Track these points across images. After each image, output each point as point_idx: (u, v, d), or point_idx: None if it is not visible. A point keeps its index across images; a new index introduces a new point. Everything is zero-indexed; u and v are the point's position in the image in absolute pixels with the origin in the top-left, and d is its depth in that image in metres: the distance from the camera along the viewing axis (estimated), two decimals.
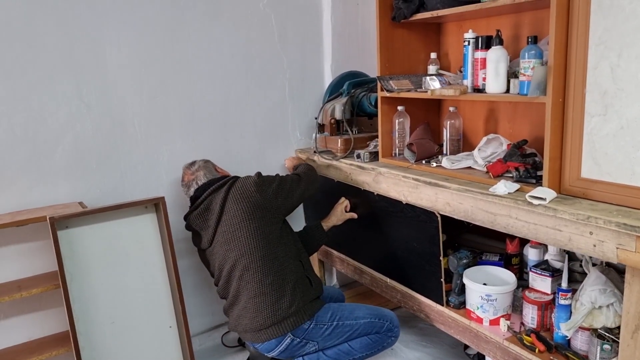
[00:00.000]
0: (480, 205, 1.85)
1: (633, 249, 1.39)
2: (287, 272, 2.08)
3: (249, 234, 2.05)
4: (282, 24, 2.73)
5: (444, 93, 2.02)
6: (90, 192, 2.30)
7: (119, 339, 2.12)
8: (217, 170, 2.32)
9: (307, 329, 2.04)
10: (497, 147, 2.05)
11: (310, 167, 2.46)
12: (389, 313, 2.20)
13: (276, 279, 2.05)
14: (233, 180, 2.16)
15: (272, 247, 2.08)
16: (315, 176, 2.43)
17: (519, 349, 1.83)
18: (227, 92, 2.62)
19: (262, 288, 2.03)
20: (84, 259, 2.06)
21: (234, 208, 2.08)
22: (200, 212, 2.14)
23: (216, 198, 2.12)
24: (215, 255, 2.15)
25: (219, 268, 2.14)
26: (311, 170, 2.43)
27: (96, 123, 2.28)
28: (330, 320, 2.08)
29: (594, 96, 1.56)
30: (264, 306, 2.03)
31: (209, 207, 2.13)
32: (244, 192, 2.09)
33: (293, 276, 2.10)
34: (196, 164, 2.30)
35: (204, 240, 2.17)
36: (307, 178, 2.34)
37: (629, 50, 1.46)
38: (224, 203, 2.09)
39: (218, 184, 2.15)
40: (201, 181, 2.22)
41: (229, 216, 2.08)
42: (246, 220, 2.06)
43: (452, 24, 2.44)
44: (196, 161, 2.33)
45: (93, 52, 2.23)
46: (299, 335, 2.03)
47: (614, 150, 1.54)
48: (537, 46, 1.74)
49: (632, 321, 1.45)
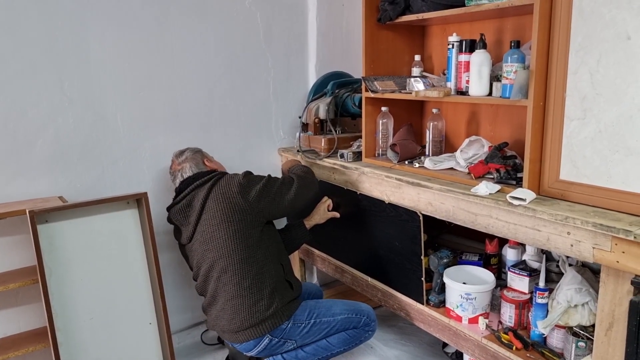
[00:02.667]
0: (461, 205, 1.88)
1: (608, 249, 1.44)
2: (266, 276, 2.06)
3: (227, 236, 2.02)
4: (267, 22, 2.74)
5: (428, 94, 2.06)
6: (71, 186, 2.27)
7: (98, 335, 2.09)
8: (205, 163, 2.25)
9: (285, 328, 2.04)
10: (479, 148, 2.09)
11: (307, 170, 2.37)
12: (366, 307, 2.21)
13: (254, 282, 2.03)
14: (218, 177, 2.11)
15: (252, 251, 2.05)
16: (312, 180, 2.31)
17: (497, 346, 1.86)
18: (211, 89, 2.62)
19: (240, 291, 2.02)
20: (63, 254, 2.03)
21: (214, 208, 2.04)
22: (181, 208, 2.12)
23: (198, 194, 2.08)
24: (194, 252, 2.14)
25: (197, 266, 2.14)
26: (307, 174, 2.32)
27: (78, 117, 2.25)
28: (307, 319, 2.08)
29: (574, 100, 1.61)
30: (241, 309, 2.01)
31: (190, 203, 2.10)
32: (225, 193, 2.05)
33: (272, 279, 2.08)
34: (184, 154, 2.24)
35: (183, 236, 2.15)
36: (301, 182, 2.22)
37: (607, 57, 1.51)
38: (205, 201, 2.06)
39: (202, 179, 2.11)
40: (186, 174, 2.18)
41: (209, 215, 2.05)
42: (225, 221, 2.02)
43: (437, 27, 2.47)
44: (186, 150, 2.27)
45: (76, 44, 2.20)
46: (277, 335, 2.03)
47: (592, 154, 1.58)
48: (520, 50, 1.78)
49: (606, 319, 1.49)
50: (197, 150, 2.28)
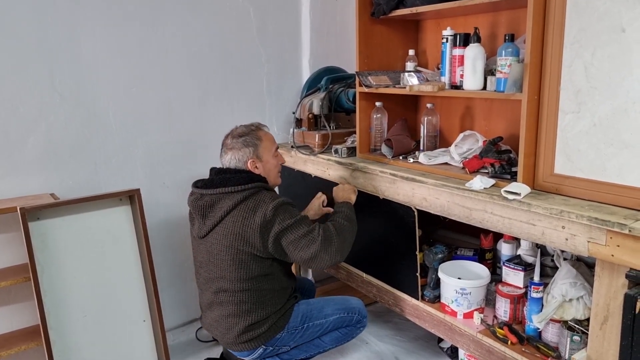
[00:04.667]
0: (456, 200, 1.87)
1: (603, 243, 1.43)
2: (267, 303, 1.96)
3: (233, 262, 1.89)
4: (261, 18, 2.72)
5: (422, 89, 2.04)
6: (63, 183, 2.26)
7: (92, 333, 2.08)
8: (248, 165, 1.97)
9: (279, 338, 2.00)
10: (473, 143, 2.09)
11: (352, 220, 2.02)
12: (356, 304, 2.15)
13: (254, 307, 1.93)
14: (251, 193, 1.89)
15: (256, 282, 1.92)
16: (349, 238, 1.97)
17: (492, 341, 1.86)
18: (204, 85, 2.60)
19: (237, 312, 1.93)
20: (55, 251, 2.02)
21: (230, 228, 1.86)
22: (203, 205, 1.93)
23: (223, 202, 1.89)
24: (199, 251, 2.04)
25: (199, 265, 2.06)
26: (348, 228, 1.97)
27: (70, 113, 2.23)
28: (301, 324, 2.03)
29: (568, 94, 1.60)
30: (236, 328, 1.94)
31: (212, 205, 1.91)
32: (246, 219, 1.84)
33: (273, 307, 1.97)
34: (239, 140, 1.97)
35: (195, 226, 2.03)
36: (332, 244, 1.87)
37: (602, 50, 1.50)
38: (226, 215, 1.88)
39: (234, 187, 1.88)
40: (225, 163, 1.99)
41: (222, 232, 1.89)
42: (234, 248, 1.87)
43: (431, 22, 2.46)
44: (245, 135, 1.99)
45: (67, 41, 2.18)
46: (271, 344, 1.99)
47: (586, 147, 1.58)
48: (514, 44, 1.77)
49: (601, 312, 1.49)
50: (252, 144, 1.98)
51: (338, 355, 2.45)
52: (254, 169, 1.98)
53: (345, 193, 2.19)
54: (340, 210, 2.07)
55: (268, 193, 1.92)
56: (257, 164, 1.99)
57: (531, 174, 1.74)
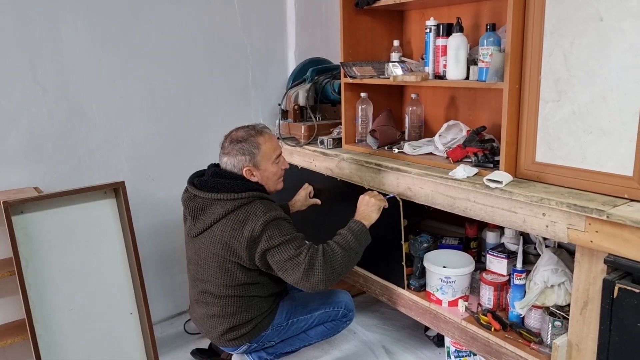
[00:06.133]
0: (440, 189, 1.89)
1: (582, 229, 1.45)
2: (253, 307, 1.94)
3: (220, 269, 1.87)
4: (245, 9, 2.71)
5: (405, 79, 2.05)
6: (47, 177, 2.24)
7: (78, 327, 2.07)
8: (244, 172, 1.91)
9: (264, 335, 2.00)
10: (457, 133, 2.10)
11: (350, 250, 1.84)
12: (343, 297, 2.14)
13: (239, 311, 1.92)
14: (243, 203, 1.83)
15: (243, 289, 1.90)
16: (339, 269, 1.80)
17: (476, 328, 1.89)
18: (189, 77, 2.59)
19: (221, 313, 1.92)
20: (40, 245, 2.01)
21: (219, 236, 1.83)
22: (195, 207, 1.90)
23: (214, 208, 1.85)
24: (189, 248, 2.02)
25: (188, 261, 2.05)
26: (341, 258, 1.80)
27: (52, 106, 2.21)
28: (285, 320, 2.03)
29: (549, 82, 1.62)
30: (220, 327, 1.94)
31: (204, 209, 1.87)
32: (235, 231, 1.79)
33: (259, 310, 1.96)
34: (238, 145, 1.89)
35: (187, 224, 2.01)
36: (322, 269, 1.75)
37: (580, 38, 1.52)
38: (215, 222, 1.84)
39: (226, 195, 1.83)
40: (221, 164, 1.95)
41: (210, 239, 1.86)
42: (221, 256, 1.85)
43: (415, 12, 2.47)
44: (245, 141, 1.90)
45: (48, 33, 2.15)
46: (256, 341, 2.00)
47: (566, 135, 1.60)
48: (496, 33, 1.78)
49: (581, 298, 1.52)
50: (249, 152, 1.90)
51: (326, 345, 2.47)
52: (250, 177, 1.92)
53: (367, 208, 1.96)
54: (348, 232, 1.87)
55: (262, 205, 1.83)
56: (253, 172, 1.92)
57: (513, 163, 1.76)
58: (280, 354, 2.13)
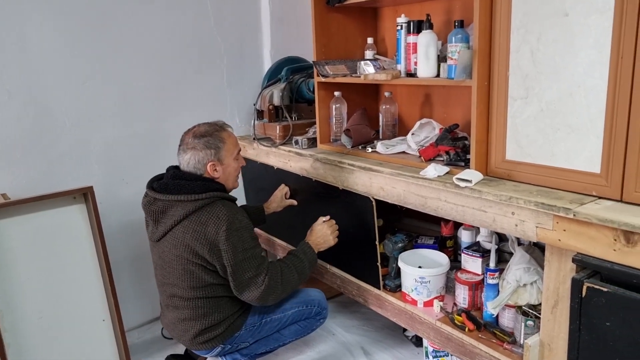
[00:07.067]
0: (411, 189, 1.86)
1: (550, 227, 1.43)
2: (224, 307, 1.92)
3: (185, 271, 1.85)
4: (218, 7, 2.67)
5: (376, 77, 2.02)
6: (16, 183, 2.20)
7: (49, 334, 2.03)
8: (208, 169, 1.88)
9: (237, 336, 1.98)
10: (430, 131, 2.08)
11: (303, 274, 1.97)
12: (316, 296, 2.12)
13: (210, 312, 1.90)
14: (204, 204, 1.81)
15: (211, 290, 1.88)
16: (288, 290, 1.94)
17: (450, 328, 1.86)
18: (162, 78, 2.54)
19: (192, 316, 1.90)
20: (8, 252, 1.96)
21: (181, 239, 1.81)
22: (155, 210, 1.87)
23: (175, 210, 1.82)
24: (154, 253, 2.00)
25: (155, 266, 2.02)
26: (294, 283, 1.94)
27: (18, 111, 2.16)
28: (259, 320, 2.01)
29: (517, 79, 1.60)
30: (192, 330, 1.91)
31: (165, 212, 1.85)
32: (198, 233, 1.78)
33: (231, 310, 1.94)
34: (201, 140, 1.86)
35: (148, 229, 1.98)
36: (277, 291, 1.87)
37: (546, 34, 1.50)
38: (177, 224, 1.82)
39: (187, 196, 1.81)
40: (183, 163, 1.90)
41: (173, 241, 1.83)
42: (185, 258, 1.83)
43: (388, 9, 2.44)
44: (208, 136, 1.87)
45: (11, 32, 2.10)
46: (230, 342, 1.97)
47: (535, 132, 1.58)
48: (464, 30, 1.76)
49: (552, 297, 1.50)
50: (215, 146, 1.88)
51: (304, 347, 2.44)
52: (213, 172, 1.90)
53: (322, 238, 2.08)
54: (305, 257, 1.99)
55: (223, 207, 1.81)
56: (217, 167, 1.90)
57: (484, 161, 1.74)
58: (255, 355, 2.09)
